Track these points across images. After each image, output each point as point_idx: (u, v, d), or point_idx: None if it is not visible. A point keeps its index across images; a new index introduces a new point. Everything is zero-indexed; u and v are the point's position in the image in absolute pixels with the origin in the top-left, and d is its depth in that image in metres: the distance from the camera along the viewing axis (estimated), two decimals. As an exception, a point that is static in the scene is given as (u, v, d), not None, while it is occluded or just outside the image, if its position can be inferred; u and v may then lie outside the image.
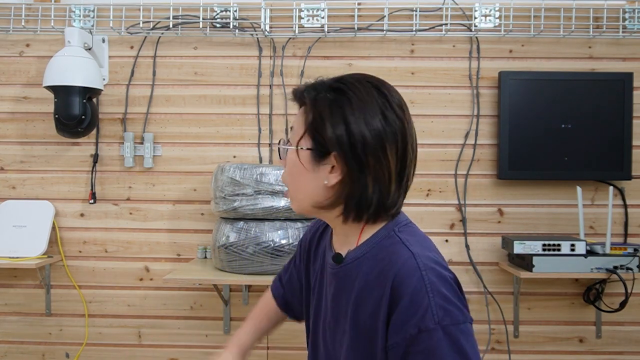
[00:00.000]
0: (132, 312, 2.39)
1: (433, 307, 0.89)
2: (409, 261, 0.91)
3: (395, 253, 0.94)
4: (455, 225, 2.35)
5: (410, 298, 0.89)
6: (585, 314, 2.34)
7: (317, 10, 2.30)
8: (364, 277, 0.96)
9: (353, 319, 0.97)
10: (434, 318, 0.88)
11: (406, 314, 0.89)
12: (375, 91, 0.99)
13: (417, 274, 0.90)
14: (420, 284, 0.89)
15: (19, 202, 2.36)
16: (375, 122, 0.94)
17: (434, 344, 0.87)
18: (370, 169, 0.93)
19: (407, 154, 0.96)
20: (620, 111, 2.26)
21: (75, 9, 2.33)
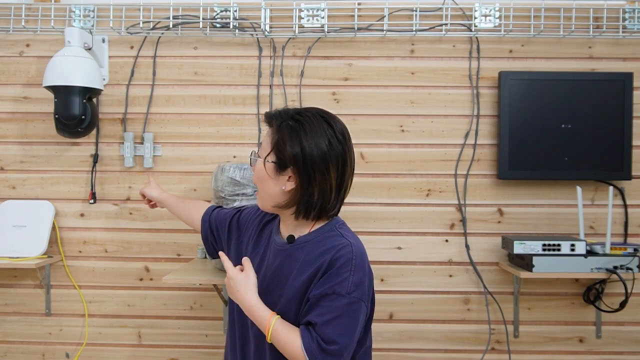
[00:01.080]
0: (132, 312, 2.39)
1: (349, 281, 1.24)
2: (347, 247, 1.28)
3: (337, 241, 1.30)
4: (455, 225, 2.35)
5: (337, 270, 1.25)
6: (585, 314, 2.34)
7: (317, 10, 2.31)
8: (307, 254, 1.30)
9: (291, 284, 1.29)
10: (346, 288, 1.24)
11: (329, 279, 1.25)
12: (325, 123, 1.30)
13: (348, 256, 1.26)
14: (347, 263, 1.25)
15: (19, 202, 2.36)
16: (323, 146, 1.27)
17: (338, 305, 1.23)
18: (316, 181, 1.28)
19: (345, 171, 1.32)
20: (620, 111, 2.26)
21: (75, 9, 2.33)
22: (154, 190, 1.81)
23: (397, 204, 2.35)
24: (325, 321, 1.22)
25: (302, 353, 1.22)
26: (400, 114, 2.35)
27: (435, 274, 2.35)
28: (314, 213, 1.31)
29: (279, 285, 1.32)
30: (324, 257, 1.27)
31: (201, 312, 2.38)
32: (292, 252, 1.33)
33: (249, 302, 1.30)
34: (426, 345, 2.35)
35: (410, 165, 2.35)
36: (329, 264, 1.26)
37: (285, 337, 1.25)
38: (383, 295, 2.35)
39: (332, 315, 1.23)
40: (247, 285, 1.31)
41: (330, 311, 1.23)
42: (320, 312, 1.24)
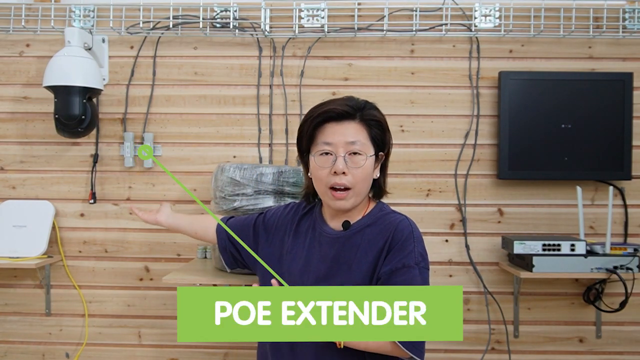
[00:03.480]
0: (132, 312, 2.39)
1: (415, 252, 1.29)
2: (404, 221, 1.34)
3: (392, 217, 1.35)
4: (455, 225, 2.35)
5: (402, 244, 1.29)
6: (585, 314, 2.34)
7: (317, 10, 2.31)
8: (367, 237, 1.34)
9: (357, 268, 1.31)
10: (415, 259, 1.28)
11: (396, 254, 1.28)
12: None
13: (408, 229, 1.32)
14: (410, 236, 1.30)
15: (19, 202, 2.36)
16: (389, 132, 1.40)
17: (411, 277, 1.26)
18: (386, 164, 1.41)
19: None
20: (620, 111, 2.26)
21: (75, 9, 2.33)
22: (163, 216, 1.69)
23: (397, 204, 2.35)
24: None
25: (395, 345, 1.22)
26: (400, 114, 2.35)
27: (435, 274, 2.34)
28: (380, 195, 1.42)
29: (341, 271, 1.32)
30: (386, 235, 1.31)
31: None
32: (350, 238, 1.35)
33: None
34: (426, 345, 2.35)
35: (410, 165, 2.35)
36: (392, 240, 1.29)
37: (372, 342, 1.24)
38: (383, 295, 2.35)
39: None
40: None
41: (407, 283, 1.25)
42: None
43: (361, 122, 1.34)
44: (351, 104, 1.34)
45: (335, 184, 1.31)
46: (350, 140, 1.31)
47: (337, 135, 1.31)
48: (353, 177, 1.31)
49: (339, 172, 1.30)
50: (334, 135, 1.31)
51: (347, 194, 1.32)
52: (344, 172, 1.30)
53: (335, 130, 1.32)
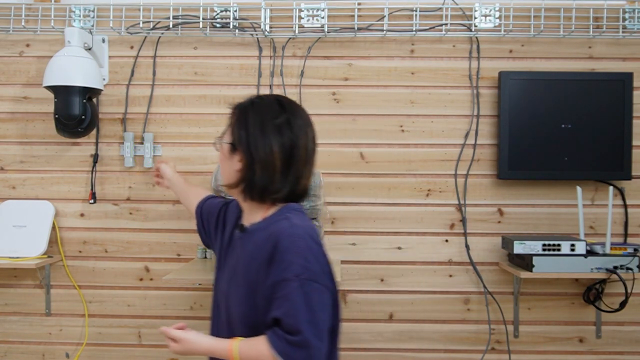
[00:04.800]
0: (132, 312, 2.39)
1: (295, 264, 1.20)
2: (288, 230, 1.25)
3: (279, 225, 1.27)
4: (455, 225, 2.35)
5: (282, 255, 1.22)
6: (585, 314, 2.34)
7: (317, 10, 2.30)
8: (255, 243, 1.30)
9: (244, 275, 1.30)
10: (293, 272, 1.19)
11: (276, 267, 1.22)
12: (278, 106, 1.35)
13: (290, 239, 1.23)
14: (291, 246, 1.22)
15: (19, 202, 2.36)
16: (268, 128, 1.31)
17: (290, 291, 1.19)
18: (259, 161, 1.30)
19: (294, 156, 1.31)
20: (620, 111, 2.26)
21: (75, 9, 2.33)
22: (169, 169, 1.90)
23: (397, 204, 2.35)
24: (284, 312, 1.19)
25: (274, 358, 1.18)
26: (400, 114, 2.35)
27: (435, 274, 2.34)
28: (254, 193, 1.32)
29: (237, 276, 1.33)
30: (268, 244, 1.25)
31: (201, 312, 2.38)
32: (245, 242, 1.34)
33: (205, 346, 1.31)
34: (426, 345, 2.35)
35: (410, 165, 2.35)
36: (272, 251, 1.24)
37: (254, 352, 1.22)
38: (383, 295, 2.35)
39: (287, 304, 1.19)
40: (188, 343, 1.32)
41: (285, 300, 1.19)
42: (277, 305, 1.20)
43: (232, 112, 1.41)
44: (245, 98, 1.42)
45: None
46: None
47: None
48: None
49: None
50: None
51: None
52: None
53: None
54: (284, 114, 1.33)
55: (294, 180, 1.33)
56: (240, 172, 1.33)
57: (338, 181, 2.35)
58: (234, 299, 1.33)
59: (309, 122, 1.39)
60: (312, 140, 1.39)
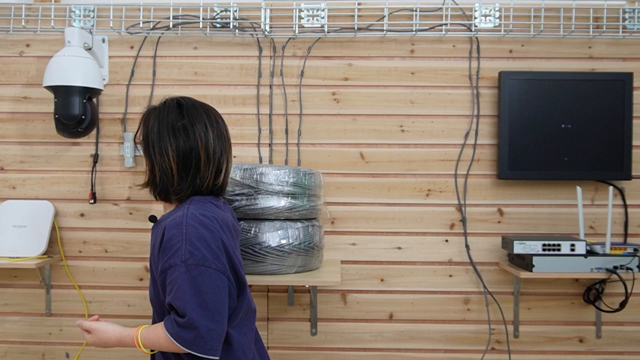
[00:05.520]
0: (132, 312, 2.39)
1: (182, 250, 1.27)
2: (177, 218, 1.32)
3: (173, 216, 1.35)
4: (455, 225, 2.35)
5: (169, 243, 1.29)
6: (585, 314, 2.35)
7: (317, 10, 2.31)
8: (157, 233, 1.38)
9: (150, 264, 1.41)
10: (180, 257, 1.27)
11: (165, 253, 1.30)
12: (176, 109, 1.43)
13: (177, 227, 1.30)
14: (177, 234, 1.29)
15: (19, 202, 2.36)
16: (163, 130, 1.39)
17: (176, 277, 1.26)
18: (157, 163, 1.40)
19: (190, 158, 1.39)
20: (620, 111, 2.26)
21: (75, 9, 2.33)
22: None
23: (397, 204, 2.35)
24: (173, 297, 1.27)
25: (169, 340, 1.27)
26: (400, 114, 2.35)
27: (435, 274, 2.35)
28: (157, 193, 1.43)
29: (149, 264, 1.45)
30: (160, 233, 1.35)
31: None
32: (153, 233, 1.45)
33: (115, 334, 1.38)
34: (426, 345, 2.35)
35: (410, 165, 2.35)
36: (162, 239, 1.32)
37: (154, 336, 1.31)
38: (383, 295, 2.35)
39: (176, 288, 1.26)
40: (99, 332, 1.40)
41: (173, 285, 1.27)
42: (168, 290, 1.29)
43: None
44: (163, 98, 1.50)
45: None
46: None
47: None
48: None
49: None
50: None
51: None
52: None
53: None
54: (182, 119, 1.41)
55: (196, 181, 1.41)
56: (146, 172, 1.45)
57: (338, 181, 2.35)
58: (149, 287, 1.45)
59: (211, 123, 1.44)
60: (216, 139, 1.44)
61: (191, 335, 1.25)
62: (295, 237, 1.96)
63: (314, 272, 2.03)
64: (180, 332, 1.25)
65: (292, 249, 1.95)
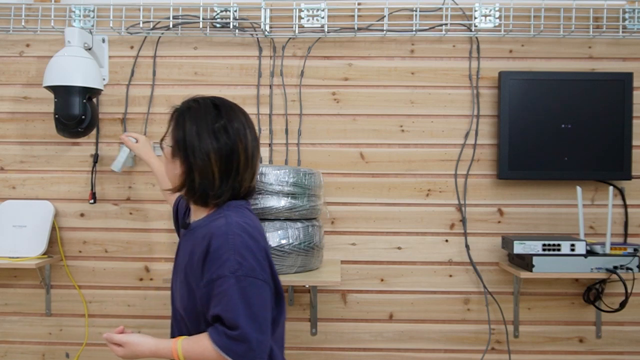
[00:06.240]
0: (132, 312, 2.39)
1: (230, 261, 1.23)
2: (222, 227, 1.28)
3: (217, 223, 1.30)
4: (455, 225, 2.35)
5: (216, 253, 1.25)
6: (585, 314, 2.34)
7: (317, 10, 2.31)
8: (195, 240, 1.33)
9: (185, 270, 1.34)
10: (229, 268, 1.22)
11: (211, 264, 1.25)
12: (214, 110, 1.36)
13: (224, 236, 1.26)
14: (224, 244, 1.25)
15: (19, 202, 2.36)
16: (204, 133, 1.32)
17: (226, 288, 1.22)
18: (197, 167, 1.32)
19: (232, 161, 1.34)
20: (620, 111, 2.26)
21: (75, 9, 2.33)
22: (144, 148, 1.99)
23: (397, 204, 2.35)
24: (222, 308, 1.22)
25: (216, 353, 1.22)
26: (400, 114, 2.35)
27: (435, 274, 2.35)
28: (196, 197, 1.36)
29: (180, 273, 1.38)
30: (205, 242, 1.29)
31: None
32: (188, 238, 1.39)
33: (150, 347, 1.32)
34: (426, 345, 2.35)
35: (410, 165, 2.35)
36: (207, 249, 1.27)
37: (198, 349, 1.26)
38: (383, 295, 2.35)
39: (225, 300, 1.22)
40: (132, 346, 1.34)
41: (223, 297, 1.23)
42: (216, 302, 1.24)
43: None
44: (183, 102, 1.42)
45: None
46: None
47: None
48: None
49: None
50: None
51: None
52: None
53: None
54: (221, 119, 1.35)
55: (235, 185, 1.36)
56: (181, 177, 1.36)
57: (338, 181, 2.35)
58: (178, 296, 1.38)
59: (247, 124, 1.40)
60: (253, 141, 1.40)
61: (242, 348, 1.21)
62: (295, 237, 1.96)
63: (314, 272, 2.03)
64: (231, 345, 1.21)
65: (292, 249, 1.95)
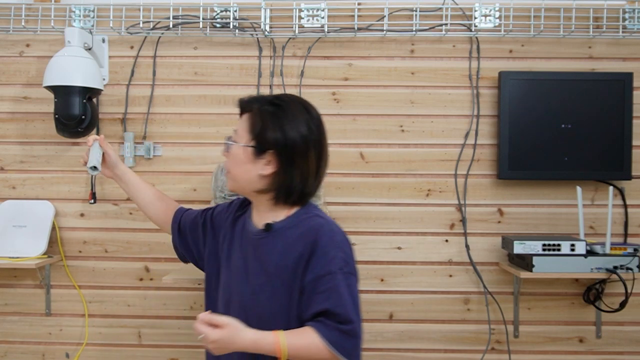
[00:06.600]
0: (132, 312, 2.39)
1: (337, 258, 1.25)
2: (325, 226, 1.30)
3: (314, 221, 1.31)
4: (455, 225, 2.35)
5: (323, 250, 1.26)
6: (585, 314, 2.34)
7: (317, 10, 2.30)
8: (287, 240, 1.30)
9: (275, 271, 1.29)
10: (337, 265, 1.24)
11: (318, 260, 1.25)
12: (303, 108, 1.34)
13: (329, 234, 1.28)
14: (330, 242, 1.27)
15: (19, 202, 2.36)
16: (303, 130, 1.30)
17: (336, 284, 1.23)
18: (297, 165, 1.30)
19: (322, 157, 1.35)
20: (620, 111, 2.26)
21: (75, 9, 2.33)
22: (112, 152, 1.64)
23: (397, 204, 2.35)
24: (333, 303, 1.21)
25: (326, 349, 1.18)
26: (400, 114, 2.35)
27: (435, 274, 2.34)
28: (294, 197, 1.33)
29: (261, 273, 1.31)
30: (306, 240, 1.27)
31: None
32: (270, 240, 1.33)
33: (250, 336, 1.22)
34: (426, 345, 2.35)
35: (410, 165, 2.35)
36: (312, 246, 1.26)
37: (303, 343, 1.20)
38: (383, 295, 2.35)
39: (336, 295, 1.22)
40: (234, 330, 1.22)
41: (332, 292, 1.22)
42: (323, 298, 1.22)
43: (250, 115, 1.34)
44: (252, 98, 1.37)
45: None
46: (234, 129, 1.38)
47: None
48: (227, 162, 1.38)
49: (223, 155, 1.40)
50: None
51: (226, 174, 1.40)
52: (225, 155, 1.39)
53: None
54: (308, 114, 1.34)
55: (320, 180, 1.37)
56: (271, 177, 1.31)
57: (338, 181, 2.35)
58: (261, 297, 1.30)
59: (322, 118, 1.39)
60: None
61: (352, 344, 1.21)
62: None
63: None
64: (342, 341, 1.19)
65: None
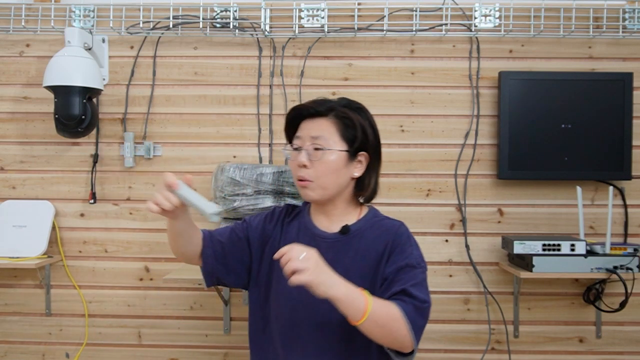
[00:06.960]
0: (132, 312, 2.39)
1: (415, 255, 1.35)
2: (402, 227, 1.42)
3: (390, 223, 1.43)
4: (455, 225, 2.35)
5: (402, 247, 1.35)
6: (585, 314, 2.34)
7: (317, 10, 2.31)
8: (366, 241, 1.37)
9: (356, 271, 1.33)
10: (416, 260, 1.34)
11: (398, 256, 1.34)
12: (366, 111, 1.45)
13: (406, 233, 1.40)
14: (408, 240, 1.38)
15: (19, 202, 2.36)
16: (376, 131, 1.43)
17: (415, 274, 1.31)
18: (377, 165, 1.44)
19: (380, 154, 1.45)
20: (620, 111, 2.26)
21: (75, 9, 2.33)
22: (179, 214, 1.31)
23: (397, 204, 2.35)
24: (412, 285, 1.28)
25: (403, 320, 1.22)
26: (400, 114, 2.35)
27: (435, 274, 2.34)
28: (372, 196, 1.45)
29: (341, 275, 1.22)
30: (386, 239, 1.36)
31: (201, 312, 2.38)
32: (349, 242, 1.38)
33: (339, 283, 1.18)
34: (426, 345, 2.35)
35: (410, 165, 2.35)
36: (393, 244, 1.35)
37: (384, 309, 1.21)
38: (383, 295, 2.35)
39: (414, 281, 1.29)
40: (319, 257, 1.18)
41: (411, 279, 1.30)
42: (404, 281, 1.28)
43: (332, 119, 1.37)
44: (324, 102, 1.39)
45: (299, 177, 1.37)
46: (314, 135, 1.36)
47: (304, 130, 1.38)
48: (315, 171, 1.35)
49: (300, 165, 1.36)
50: (302, 131, 1.39)
51: (309, 184, 1.36)
52: (305, 165, 1.35)
53: (305, 126, 1.39)
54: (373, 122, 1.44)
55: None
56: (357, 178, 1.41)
57: (338, 181, 2.35)
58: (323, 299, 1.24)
59: None
60: None
61: (421, 323, 1.27)
62: (295, 237, 1.96)
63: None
64: (416, 317, 1.25)
65: (292, 249, 1.95)
